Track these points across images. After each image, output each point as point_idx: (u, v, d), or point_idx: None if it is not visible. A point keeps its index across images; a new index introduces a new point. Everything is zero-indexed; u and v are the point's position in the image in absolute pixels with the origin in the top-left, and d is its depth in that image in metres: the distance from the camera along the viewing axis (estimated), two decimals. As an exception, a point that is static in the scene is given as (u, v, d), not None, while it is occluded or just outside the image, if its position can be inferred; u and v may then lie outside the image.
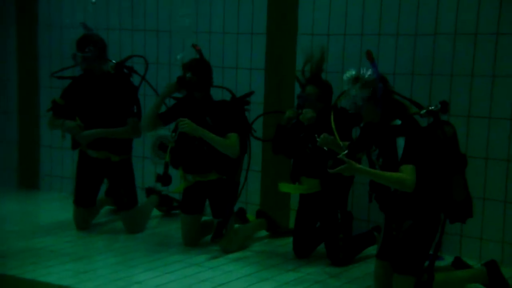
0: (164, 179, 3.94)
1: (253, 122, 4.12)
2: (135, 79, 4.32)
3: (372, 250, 3.84)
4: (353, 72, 3.21)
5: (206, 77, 3.99)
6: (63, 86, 4.42)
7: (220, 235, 3.93)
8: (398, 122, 3.17)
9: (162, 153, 4.12)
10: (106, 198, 4.65)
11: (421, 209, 3.14)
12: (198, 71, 3.93)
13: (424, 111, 3.22)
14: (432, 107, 3.21)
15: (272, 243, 4.23)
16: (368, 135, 3.32)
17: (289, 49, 4.44)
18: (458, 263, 3.45)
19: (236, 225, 4.14)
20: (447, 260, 3.66)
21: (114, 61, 4.29)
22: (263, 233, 4.34)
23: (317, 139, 3.50)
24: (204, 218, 4.16)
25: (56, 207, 5.02)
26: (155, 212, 4.76)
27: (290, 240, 4.06)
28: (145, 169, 5.01)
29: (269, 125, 4.32)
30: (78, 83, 4.32)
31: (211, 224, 4.13)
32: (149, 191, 4.81)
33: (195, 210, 4.08)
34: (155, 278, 3.48)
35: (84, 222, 4.36)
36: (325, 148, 3.50)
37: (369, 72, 3.17)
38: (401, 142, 3.10)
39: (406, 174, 3.03)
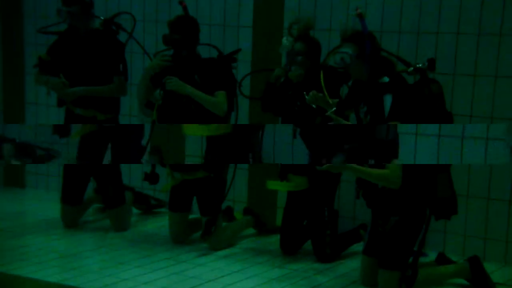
0: (152, 177, 3.93)
1: (241, 80, 4.06)
2: (122, 37, 4.25)
3: (358, 247, 3.88)
4: (342, 29, 3.25)
5: (192, 34, 3.92)
6: (49, 43, 4.32)
7: (209, 233, 3.94)
8: (386, 79, 3.19)
9: (149, 111, 4.00)
10: (94, 196, 4.62)
11: (407, 205, 3.18)
12: (184, 28, 3.87)
13: (412, 68, 3.24)
14: (420, 65, 3.23)
15: (259, 240, 4.27)
16: (357, 93, 3.32)
17: (277, 5, 4.41)
18: (442, 259, 3.51)
19: (224, 223, 4.16)
20: (431, 256, 3.71)
21: (102, 18, 4.21)
22: (250, 230, 4.37)
23: (306, 97, 3.50)
24: (191, 216, 4.17)
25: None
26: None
27: (277, 237, 4.09)
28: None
29: (257, 84, 4.26)
30: (64, 39, 4.24)
31: (199, 222, 4.14)
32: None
33: (183, 208, 4.09)
34: (144, 275, 3.49)
35: (71, 220, 4.34)
36: (313, 105, 3.52)
37: (357, 29, 3.19)
38: (388, 99, 3.12)
39: (392, 170, 3.05)
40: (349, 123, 3.10)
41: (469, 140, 3.56)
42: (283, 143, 4.09)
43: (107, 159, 4.22)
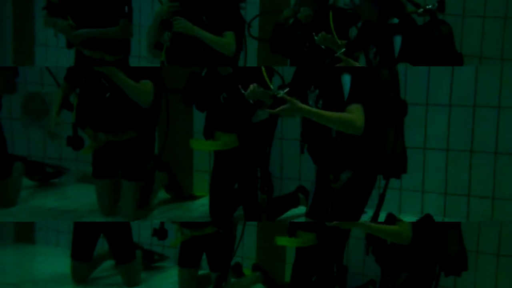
0: (160, 233, 3.84)
1: (250, 22, 3.93)
2: None
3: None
4: None
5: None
6: None
7: (147, 203, 3.76)
8: (396, 20, 3.12)
9: (158, 52, 3.80)
10: (107, 252, 4.49)
11: (417, 262, 3.12)
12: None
13: (421, 9, 3.21)
14: (430, 6, 3.21)
15: (179, 207, 4.10)
16: (366, 34, 3.25)
17: None
18: (391, 221, 3.29)
19: (233, 279, 4.11)
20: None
21: None
22: (259, 286, 4.32)
23: (315, 38, 3.41)
24: (200, 271, 4.11)
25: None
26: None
27: (200, 203, 3.96)
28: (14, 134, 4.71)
29: (265, 26, 4.12)
30: None
31: (208, 278, 4.09)
32: (12, 158, 4.25)
33: (192, 263, 4.04)
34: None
35: (81, 276, 4.24)
36: (322, 46, 3.44)
37: None
38: (398, 40, 3.06)
39: (354, 114, 2.82)
40: (359, 64, 2.95)
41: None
42: (290, 158, 4.02)
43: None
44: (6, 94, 4.02)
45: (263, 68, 3.09)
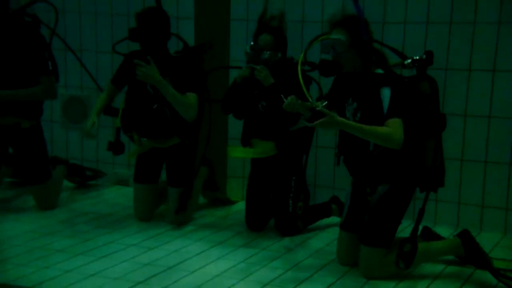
0: (116, 147, 3.68)
1: (202, 77, 3.71)
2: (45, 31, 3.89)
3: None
4: (335, 14, 2.95)
5: (163, 29, 3.59)
6: None
7: (184, 208, 3.68)
8: (379, 71, 2.94)
9: (110, 116, 3.72)
10: (6, 169, 4.23)
11: (400, 173, 2.96)
12: (154, 22, 3.55)
13: (409, 61, 2.97)
14: (417, 57, 2.97)
15: (213, 214, 4.04)
16: (343, 87, 3.03)
17: None
18: (428, 234, 3.28)
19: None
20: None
21: (11, 8, 3.75)
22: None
23: (285, 100, 3.11)
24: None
25: None
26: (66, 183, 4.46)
27: (232, 209, 3.91)
28: (54, 135, 4.81)
29: (213, 85, 3.90)
30: None
31: (164, 193, 3.87)
32: (55, 161, 4.37)
33: (151, 179, 3.82)
34: (89, 264, 3.15)
35: None
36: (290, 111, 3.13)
37: (352, 14, 2.93)
38: (386, 92, 2.86)
39: (393, 128, 2.80)
40: (343, 119, 2.77)
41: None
42: (325, 166, 3.97)
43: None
44: (49, 100, 4.12)
45: (300, 79, 3.05)
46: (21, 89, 3.78)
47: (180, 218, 3.79)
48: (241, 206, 4.23)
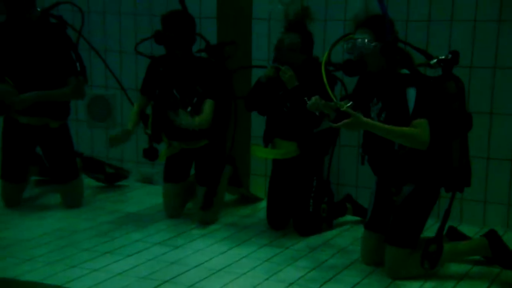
0: (151, 153, 3.72)
1: (227, 77, 3.72)
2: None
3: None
4: (359, 14, 2.92)
5: (189, 32, 3.59)
6: None
7: (210, 205, 3.71)
8: (405, 71, 2.92)
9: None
10: (32, 167, 4.21)
11: (425, 173, 2.94)
12: (180, 25, 3.56)
13: (435, 61, 2.95)
14: (443, 57, 2.95)
15: (236, 213, 4.06)
16: (367, 87, 3.03)
17: None
18: (453, 234, 3.26)
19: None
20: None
21: (39, 9, 3.76)
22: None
23: (307, 102, 3.11)
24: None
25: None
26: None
27: (256, 208, 3.93)
28: (79, 134, 4.85)
29: (236, 83, 3.89)
30: (1, 35, 3.79)
31: (192, 190, 3.92)
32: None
33: (180, 178, 3.88)
34: (116, 263, 3.18)
35: (14, 199, 4.01)
36: (316, 112, 3.15)
37: (377, 14, 2.89)
38: (412, 92, 2.83)
39: (419, 129, 2.78)
40: (368, 119, 2.77)
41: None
42: (347, 164, 3.97)
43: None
44: (77, 100, 4.17)
45: (325, 79, 3.05)
46: (50, 90, 3.83)
47: (207, 217, 3.83)
48: (264, 204, 4.23)
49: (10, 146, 4.04)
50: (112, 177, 4.64)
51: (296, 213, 3.68)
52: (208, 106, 3.63)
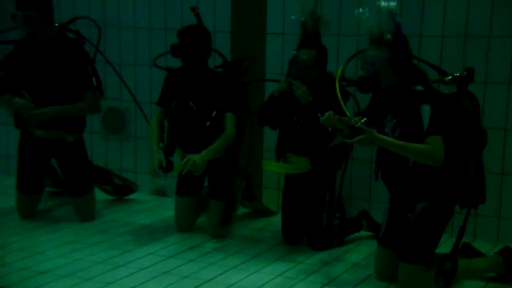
0: (166, 165, 3.70)
1: (243, 91, 3.76)
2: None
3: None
4: (371, 30, 2.90)
5: (205, 45, 3.65)
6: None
7: (230, 220, 3.75)
8: (419, 88, 2.92)
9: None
10: (46, 179, 4.26)
11: (440, 190, 2.93)
12: (196, 39, 3.62)
13: (449, 77, 2.95)
14: (458, 74, 2.95)
15: (249, 226, 4.08)
16: (382, 104, 3.02)
17: (258, 6, 4.18)
18: (468, 250, 3.23)
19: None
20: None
21: (56, 24, 3.83)
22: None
23: (320, 118, 3.13)
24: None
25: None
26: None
27: (269, 221, 3.93)
28: (94, 146, 4.87)
29: (249, 97, 3.93)
30: (21, 50, 3.85)
31: (204, 203, 3.96)
32: None
33: (192, 191, 3.90)
34: (129, 276, 3.19)
35: (29, 210, 4.05)
36: (329, 128, 3.16)
37: (391, 30, 2.88)
38: (426, 109, 2.83)
39: (434, 146, 2.78)
40: (382, 135, 2.79)
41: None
42: (361, 183, 3.98)
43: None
44: (93, 114, 4.23)
45: (339, 95, 3.06)
46: (67, 104, 3.88)
47: (221, 230, 3.85)
48: (277, 218, 4.26)
49: (26, 158, 4.09)
50: (121, 190, 4.65)
51: (310, 227, 3.68)
52: (230, 120, 3.69)
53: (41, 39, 3.83)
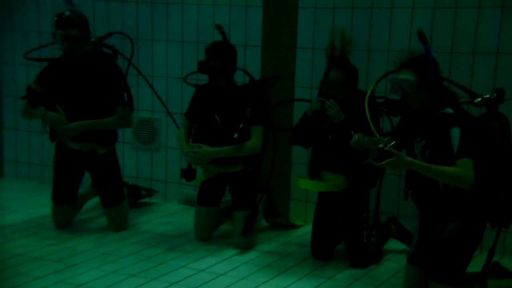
0: (188, 173, 3.85)
1: (268, 107, 3.84)
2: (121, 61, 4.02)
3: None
4: (402, 55, 2.91)
5: (231, 62, 3.80)
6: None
7: (251, 230, 3.82)
8: (449, 110, 2.92)
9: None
10: (91, 190, 4.39)
11: (471, 211, 2.93)
12: (222, 56, 3.76)
13: (479, 99, 2.96)
14: (487, 95, 2.96)
15: (276, 239, 4.10)
16: (411, 125, 3.03)
17: (289, 21, 4.26)
18: (497, 270, 3.21)
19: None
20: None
21: (92, 39, 3.95)
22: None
23: (352, 139, 3.17)
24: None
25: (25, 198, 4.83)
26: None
27: (294, 235, 3.98)
28: (125, 156, 4.99)
29: (279, 114, 4.05)
30: (57, 66, 3.98)
31: (225, 214, 4.08)
32: None
33: (213, 202, 4.01)
34: None
35: (64, 221, 4.15)
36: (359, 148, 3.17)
37: (420, 54, 2.90)
38: (456, 132, 2.84)
39: (464, 169, 2.78)
40: (412, 158, 2.80)
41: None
42: (389, 197, 3.99)
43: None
44: (123, 128, 4.34)
45: (368, 115, 3.05)
46: (98, 118, 3.99)
47: (246, 242, 3.92)
48: (302, 231, 4.31)
49: (61, 170, 4.21)
50: (142, 197, 4.79)
51: (350, 245, 3.70)
52: (256, 132, 3.79)
53: (77, 55, 3.96)
